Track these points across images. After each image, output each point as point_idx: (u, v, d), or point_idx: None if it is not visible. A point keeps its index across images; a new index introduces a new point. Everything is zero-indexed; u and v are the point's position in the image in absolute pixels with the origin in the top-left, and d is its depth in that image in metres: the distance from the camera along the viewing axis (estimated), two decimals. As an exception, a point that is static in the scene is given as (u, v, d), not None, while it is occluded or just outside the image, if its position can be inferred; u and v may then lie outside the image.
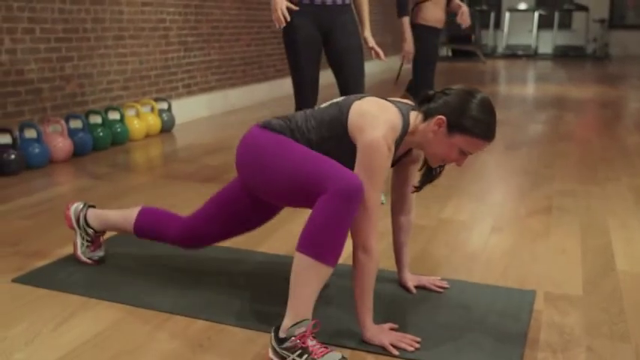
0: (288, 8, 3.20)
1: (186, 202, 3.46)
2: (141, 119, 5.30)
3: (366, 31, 3.51)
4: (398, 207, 2.27)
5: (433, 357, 1.85)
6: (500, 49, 16.16)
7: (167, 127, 5.61)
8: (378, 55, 3.45)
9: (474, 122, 1.92)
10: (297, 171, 1.91)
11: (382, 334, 1.93)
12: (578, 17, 15.77)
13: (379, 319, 2.07)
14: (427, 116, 1.99)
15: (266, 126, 2.06)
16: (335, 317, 2.10)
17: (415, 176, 2.24)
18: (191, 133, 5.57)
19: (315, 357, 1.77)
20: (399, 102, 2.06)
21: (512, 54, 15.46)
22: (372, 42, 3.47)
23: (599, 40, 15.17)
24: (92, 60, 5.04)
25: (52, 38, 4.65)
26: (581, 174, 4.01)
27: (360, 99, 2.02)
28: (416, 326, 2.04)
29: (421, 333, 1.99)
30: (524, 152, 4.66)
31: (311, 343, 1.79)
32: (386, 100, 2.04)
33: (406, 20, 4.21)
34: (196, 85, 6.37)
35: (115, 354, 1.89)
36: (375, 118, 1.92)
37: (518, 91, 8.58)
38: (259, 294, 2.28)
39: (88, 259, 2.55)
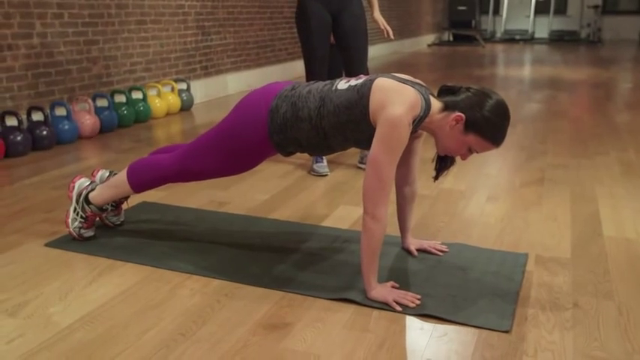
0: None
1: (205, 174, 3.48)
2: (162, 98, 5.32)
3: (376, 13, 3.59)
4: (402, 178, 2.28)
5: (433, 313, 1.88)
6: (498, 34, 15.99)
7: (186, 106, 5.63)
8: (388, 34, 3.55)
9: (490, 126, 1.92)
10: (211, 145, 2.19)
11: (386, 291, 1.96)
12: (573, 3, 15.57)
13: (383, 279, 2.10)
14: (447, 107, 1.97)
15: (271, 112, 2.07)
16: (342, 275, 2.13)
17: (419, 149, 2.25)
18: (209, 112, 5.58)
19: (82, 225, 2.42)
20: (416, 83, 2.03)
21: (510, 38, 15.30)
22: (382, 22, 3.55)
23: (592, 25, 14.98)
24: (116, 43, 5.04)
25: (80, 23, 4.65)
26: (572, 148, 4.00)
27: (379, 77, 1.99)
28: (417, 285, 2.07)
29: (422, 291, 2.02)
30: (520, 129, 4.65)
31: (89, 216, 2.42)
32: (402, 80, 2.01)
33: None
34: (213, 67, 6.37)
35: (141, 308, 1.93)
36: (398, 95, 1.90)
37: (516, 72, 8.51)
38: (271, 256, 2.31)
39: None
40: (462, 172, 3.46)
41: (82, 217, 2.44)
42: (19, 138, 3.90)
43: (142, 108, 5.03)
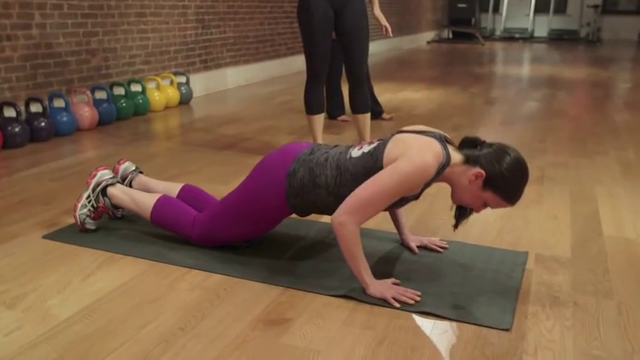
0: None
1: (204, 167, 3.47)
2: (161, 91, 5.30)
3: (376, 9, 3.61)
4: None
5: (432, 310, 1.88)
6: (498, 32, 15.98)
7: (185, 100, 5.61)
8: (387, 32, 3.58)
9: (509, 186, 1.92)
10: (232, 207, 2.21)
11: (385, 288, 1.95)
12: (572, 2, 15.56)
13: (384, 275, 2.09)
14: (468, 161, 1.96)
15: (289, 176, 2.09)
16: (342, 272, 2.12)
17: None
18: (207, 105, 5.57)
19: (89, 214, 2.43)
20: (429, 132, 2.02)
21: (510, 37, 15.29)
22: (383, 20, 3.60)
23: (592, 24, 14.99)
24: (116, 35, 5.02)
25: (79, 14, 4.63)
26: (572, 147, 4.00)
27: (394, 135, 1.99)
28: (417, 282, 2.06)
29: (422, 288, 2.01)
30: (519, 127, 4.65)
31: (100, 207, 2.45)
32: (420, 131, 2.01)
33: None
34: (212, 61, 6.35)
35: (139, 302, 1.92)
36: (420, 143, 1.91)
37: (515, 71, 8.51)
38: (271, 251, 2.31)
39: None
40: (461, 170, 3.45)
41: (92, 206, 2.44)
42: (17, 129, 3.88)
43: (140, 101, 5.00)
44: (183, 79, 5.71)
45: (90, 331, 1.75)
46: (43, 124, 4.06)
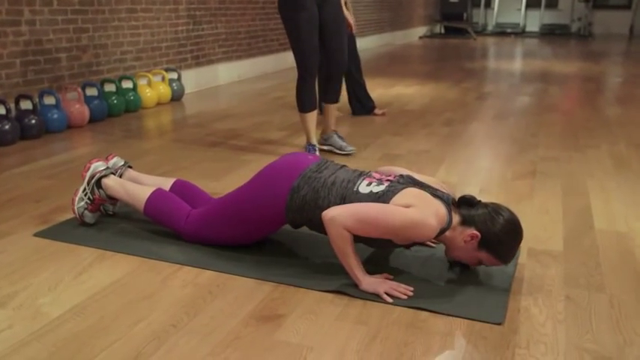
0: None
1: (197, 164, 3.46)
2: (152, 88, 5.27)
3: (343, 8, 3.68)
4: None
5: (425, 305, 1.88)
6: (490, 27, 16.00)
7: (177, 96, 5.59)
8: (351, 28, 3.77)
9: (503, 247, 1.95)
10: (232, 208, 2.21)
11: (377, 283, 1.95)
12: (564, -3, 15.59)
13: (376, 270, 2.09)
14: (465, 221, 1.98)
15: (291, 191, 2.08)
16: (335, 267, 2.12)
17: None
18: (199, 102, 5.55)
19: (87, 206, 2.44)
20: (439, 191, 2.03)
21: (502, 32, 15.31)
22: (349, 17, 3.75)
23: (583, 19, 15.02)
24: (107, 31, 4.99)
25: (69, 10, 4.60)
26: (564, 141, 4.01)
27: (402, 189, 1.98)
28: (410, 277, 2.06)
29: (414, 283, 2.01)
30: (511, 122, 4.65)
31: (96, 198, 2.46)
32: (429, 189, 2.02)
33: None
34: (204, 57, 6.33)
35: (131, 299, 1.92)
36: (427, 205, 1.91)
37: (507, 66, 8.52)
38: (264, 247, 2.30)
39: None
40: (454, 164, 3.46)
41: (89, 198, 2.46)
42: (7, 127, 3.86)
43: (132, 97, 4.98)
44: (174, 76, 5.68)
45: (82, 329, 1.74)
46: (33, 121, 4.03)
